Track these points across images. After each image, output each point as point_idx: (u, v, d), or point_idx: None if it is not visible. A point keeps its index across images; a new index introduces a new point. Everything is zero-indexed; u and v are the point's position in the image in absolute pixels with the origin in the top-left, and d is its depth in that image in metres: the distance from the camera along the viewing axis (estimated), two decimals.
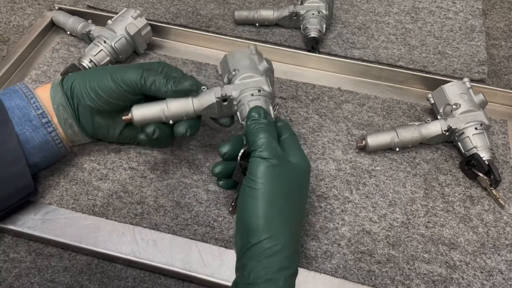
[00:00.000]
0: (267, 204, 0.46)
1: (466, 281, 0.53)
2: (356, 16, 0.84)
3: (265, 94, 0.54)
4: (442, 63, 0.76)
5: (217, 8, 0.84)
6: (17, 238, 0.56)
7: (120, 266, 0.54)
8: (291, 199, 0.47)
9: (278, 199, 0.46)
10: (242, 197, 0.47)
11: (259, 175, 0.46)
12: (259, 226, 0.45)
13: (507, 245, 0.56)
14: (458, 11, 0.85)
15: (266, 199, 0.46)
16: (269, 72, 0.57)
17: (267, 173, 0.46)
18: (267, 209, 0.45)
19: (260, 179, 0.46)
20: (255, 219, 0.45)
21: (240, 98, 0.54)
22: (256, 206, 0.46)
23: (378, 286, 0.52)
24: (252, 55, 0.57)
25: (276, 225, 0.45)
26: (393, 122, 0.68)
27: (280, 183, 0.47)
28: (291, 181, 0.48)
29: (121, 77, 0.54)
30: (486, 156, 0.60)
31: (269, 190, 0.46)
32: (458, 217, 0.58)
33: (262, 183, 0.46)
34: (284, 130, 0.53)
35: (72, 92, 0.55)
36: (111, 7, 0.83)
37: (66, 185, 0.59)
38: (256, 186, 0.46)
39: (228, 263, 0.53)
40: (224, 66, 0.58)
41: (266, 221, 0.45)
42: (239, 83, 0.55)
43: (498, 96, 0.71)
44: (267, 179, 0.46)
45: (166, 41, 0.78)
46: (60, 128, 0.55)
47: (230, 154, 0.52)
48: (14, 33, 0.79)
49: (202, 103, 0.54)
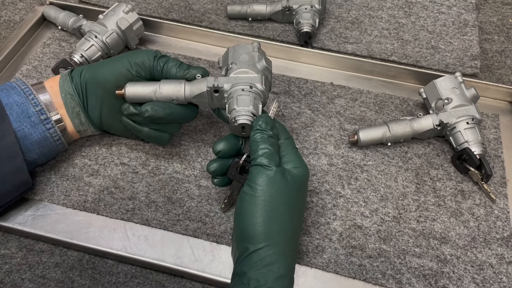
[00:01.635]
0: (266, 212, 0.45)
1: (457, 275, 0.53)
2: (349, 11, 0.84)
3: (256, 92, 0.54)
4: (435, 58, 0.76)
5: (210, 3, 0.83)
6: (8, 234, 0.56)
7: (112, 262, 0.54)
8: (291, 207, 0.47)
9: (278, 207, 0.46)
10: (241, 203, 0.47)
11: (259, 182, 0.46)
12: (258, 233, 0.45)
13: (498, 239, 0.56)
14: (451, 5, 0.85)
15: (266, 206, 0.46)
16: (266, 71, 0.56)
17: (267, 181, 0.46)
18: (267, 217, 0.45)
19: (260, 186, 0.46)
20: (254, 227, 0.45)
21: (231, 91, 0.54)
22: (256, 213, 0.45)
23: (369, 280, 0.52)
24: (253, 52, 0.57)
25: (276, 233, 0.45)
26: (386, 117, 0.68)
27: (280, 191, 0.47)
28: (291, 189, 0.48)
29: (133, 59, 0.55)
30: (478, 150, 0.60)
31: (269, 198, 0.46)
32: (449, 212, 0.58)
33: (262, 191, 0.46)
34: (280, 133, 0.52)
35: (81, 80, 0.55)
36: (103, 1, 0.82)
37: (57, 181, 0.59)
38: (256, 194, 0.46)
39: (219, 258, 0.53)
40: (225, 59, 0.58)
41: (265, 229, 0.45)
42: (233, 76, 0.54)
43: (490, 90, 0.71)
44: (267, 187, 0.46)
45: (158, 36, 0.78)
46: (67, 117, 0.56)
47: (225, 152, 0.52)
48: (5, 28, 0.79)
49: (193, 91, 0.54)
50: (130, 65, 0.55)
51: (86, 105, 0.56)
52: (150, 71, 0.56)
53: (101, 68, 0.56)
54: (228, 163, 0.52)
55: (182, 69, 0.55)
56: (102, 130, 0.60)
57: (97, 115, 0.57)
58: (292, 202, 0.47)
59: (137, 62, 0.55)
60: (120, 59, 0.56)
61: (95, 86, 0.55)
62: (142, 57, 0.55)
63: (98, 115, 0.57)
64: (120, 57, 0.56)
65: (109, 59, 0.58)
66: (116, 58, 0.57)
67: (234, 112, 0.52)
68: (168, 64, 0.55)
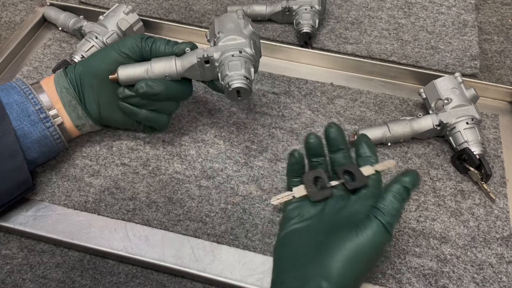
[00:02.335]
0: (351, 263, 0.43)
1: (456, 275, 0.53)
2: (349, 11, 0.84)
3: (247, 56, 0.54)
4: (434, 58, 0.76)
5: (210, 4, 0.83)
6: (9, 234, 0.56)
7: (112, 262, 0.54)
8: (369, 269, 0.45)
9: (362, 263, 0.44)
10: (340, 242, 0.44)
11: (368, 238, 0.43)
12: (335, 275, 0.43)
13: (498, 239, 0.56)
14: (451, 6, 0.86)
15: (357, 258, 0.43)
16: (254, 36, 0.57)
17: (375, 243, 0.44)
18: (351, 266, 0.43)
19: (368, 241, 0.43)
20: (336, 266, 0.43)
21: (221, 59, 0.54)
22: (346, 258, 0.43)
23: (369, 280, 0.53)
24: (238, 19, 0.57)
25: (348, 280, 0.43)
26: (385, 117, 0.68)
27: (378, 250, 0.44)
28: (377, 253, 0.45)
29: (121, 45, 0.56)
30: (477, 150, 0.60)
31: (367, 251, 0.44)
32: (449, 211, 0.58)
33: (368, 248, 0.43)
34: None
35: (75, 74, 0.56)
36: (103, 2, 0.82)
37: (58, 182, 0.59)
38: (361, 246, 0.43)
39: (220, 258, 0.53)
40: (212, 31, 0.58)
41: (343, 275, 0.43)
42: (222, 44, 0.55)
43: (489, 90, 0.71)
44: (372, 246, 0.43)
45: (158, 36, 0.78)
46: (64, 111, 0.56)
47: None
48: (5, 29, 0.79)
49: (184, 65, 0.55)
50: (120, 51, 0.56)
51: (83, 98, 0.57)
52: (140, 54, 0.56)
53: (93, 59, 0.57)
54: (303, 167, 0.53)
55: (170, 45, 0.56)
56: (101, 124, 0.60)
57: (95, 108, 0.57)
58: (372, 263, 0.45)
59: (126, 45, 0.56)
60: (109, 48, 0.57)
61: (89, 77, 0.56)
62: (130, 42, 0.56)
63: (97, 107, 0.57)
64: (109, 46, 0.58)
65: (99, 50, 0.59)
66: (106, 48, 0.58)
67: (227, 78, 0.53)
68: (156, 43, 0.56)
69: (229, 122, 0.66)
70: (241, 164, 0.61)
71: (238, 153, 0.63)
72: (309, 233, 0.48)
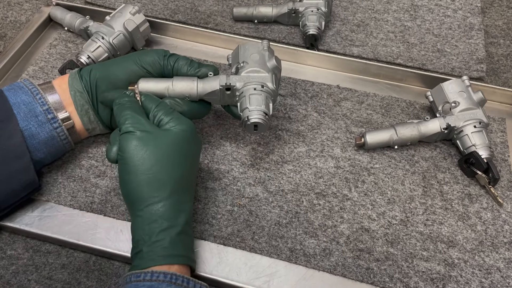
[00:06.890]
0: (140, 177, 0.47)
1: (464, 279, 0.53)
2: (355, 14, 0.84)
3: (268, 91, 0.55)
4: (440, 61, 0.76)
5: (216, 5, 0.83)
6: (15, 235, 0.55)
7: (118, 263, 0.54)
8: (169, 163, 0.49)
9: (151, 168, 0.48)
10: (119, 175, 0.49)
11: (126, 150, 0.48)
12: (136, 199, 0.47)
13: (505, 243, 0.56)
14: (457, 9, 0.85)
15: (137, 171, 0.48)
16: (276, 70, 0.57)
17: (134, 146, 0.48)
18: (141, 181, 0.47)
19: (127, 153, 0.48)
20: (132, 194, 0.48)
21: (243, 90, 0.55)
22: (131, 181, 0.48)
23: (376, 283, 0.52)
24: (263, 51, 0.58)
25: (154, 191, 0.47)
26: (392, 120, 0.68)
27: (151, 151, 0.48)
28: (166, 148, 0.49)
29: (143, 59, 0.56)
30: (485, 154, 0.60)
31: (140, 161, 0.48)
32: (456, 215, 0.58)
33: (130, 158, 0.48)
34: (151, 102, 0.53)
35: (91, 78, 0.56)
36: (109, 2, 0.82)
37: (64, 182, 0.58)
38: (126, 161, 0.48)
39: (226, 260, 0.53)
40: (235, 56, 0.59)
41: (141, 193, 0.47)
42: (245, 75, 0.56)
43: (496, 94, 0.71)
44: (134, 152, 0.48)
45: (164, 37, 0.78)
46: (76, 115, 0.56)
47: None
48: (11, 29, 0.79)
49: (206, 88, 0.55)
50: (141, 64, 0.56)
51: (96, 103, 0.56)
52: (160, 70, 0.56)
53: (112, 66, 0.56)
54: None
55: (193, 67, 0.56)
56: (111, 128, 0.60)
57: (107, 114, 0.57)
58: (170, 159, 0.49)
59: (148, 61, 0.56)
60: (131, 58, 0.56)
61: (106, 84, 0.55)
62: (152, 56, 0.56)
63: (109, 114, 0.57)
64: (130, 56, 0.57)
65: (119, 58, 0.58)
66: (127, 57, 0.57)
67: (246, 111, 0.54)
68: (179, 62, 0.56)
69: (235, 124, 0.65)
70: (247, 166, 0.61)
71: (245, 155, 0.62)
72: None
